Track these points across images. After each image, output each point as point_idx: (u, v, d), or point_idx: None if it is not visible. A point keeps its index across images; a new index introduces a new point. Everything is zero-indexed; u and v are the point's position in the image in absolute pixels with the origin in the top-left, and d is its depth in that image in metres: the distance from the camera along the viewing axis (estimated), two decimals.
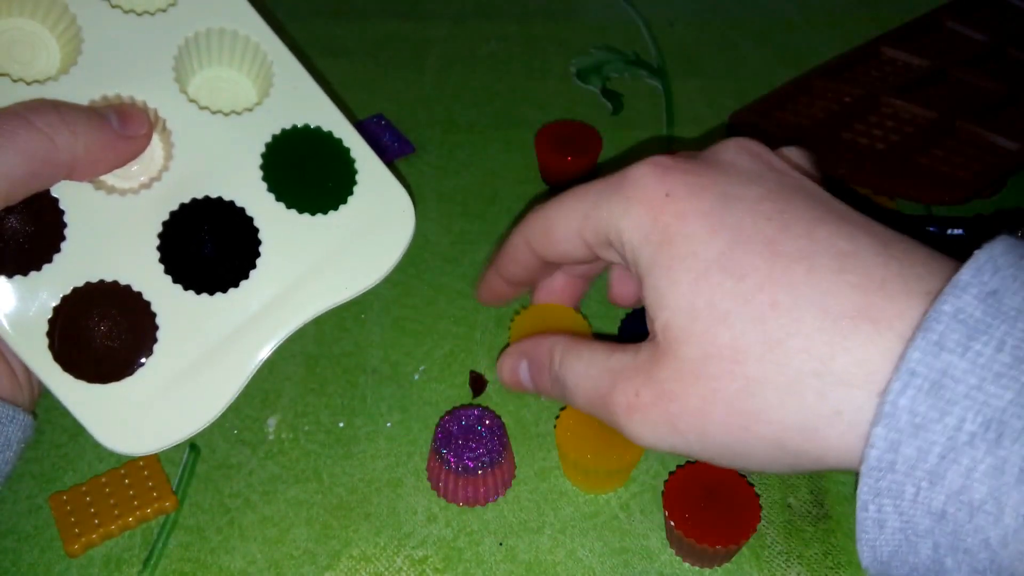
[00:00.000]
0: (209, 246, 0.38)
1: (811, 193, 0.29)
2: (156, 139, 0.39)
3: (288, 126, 0.40)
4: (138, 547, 0.39)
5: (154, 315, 0.37)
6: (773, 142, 0.59)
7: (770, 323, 0.25)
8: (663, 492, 0.39)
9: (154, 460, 0.41)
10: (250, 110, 0.40)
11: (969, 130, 0.55)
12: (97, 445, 0.42)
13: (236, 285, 0.38)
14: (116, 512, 0.39)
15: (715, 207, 0.28)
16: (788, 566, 0.39)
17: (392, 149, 0.58)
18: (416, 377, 0.46)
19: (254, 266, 0.38)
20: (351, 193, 0.40)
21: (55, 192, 0.36)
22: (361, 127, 0.59)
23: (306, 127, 0.40)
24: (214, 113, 0.39)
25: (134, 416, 0.36)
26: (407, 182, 0.57)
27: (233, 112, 0.40)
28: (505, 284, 0.40)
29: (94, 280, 0.37)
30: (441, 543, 0.39)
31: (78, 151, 0.35)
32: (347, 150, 0.41)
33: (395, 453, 0.43)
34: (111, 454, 0.42)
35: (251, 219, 0.39)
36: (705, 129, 0.61)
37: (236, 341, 0.38)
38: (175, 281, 0.38)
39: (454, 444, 0.39)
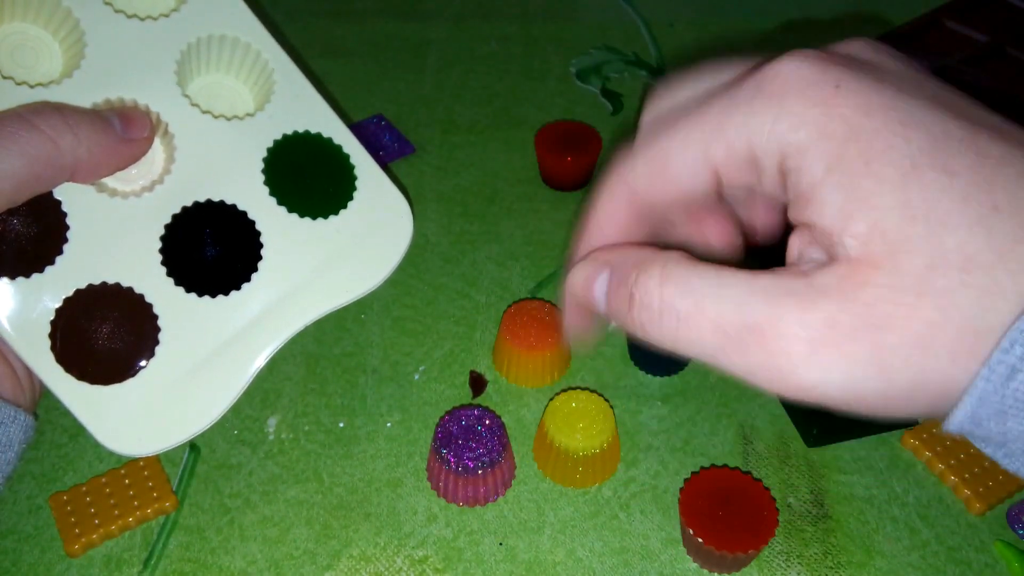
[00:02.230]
0: (211, 249, 0.38)
1: (968, 97, 0.25)
2: (157, 143, 0.39)
3: (289, 132, 0.40)
4: (138, 547, 0.39)
5: (156, 317, 0.37)
6: None
7: (996, 227, 0.22)
8: (679, 499, 0.38)
9: (154, 460, 0.41)
10: (251, 115, 0.40)
11: None
12: (97, 445, 0.42)
13: (238, 288, 0.38)
14: (116, 512, 0.39)
15: (897, 101, 0.23)
16: (788, 566, 0.39)
17: (392, 149, 0.58)
18: (416, 377, 0.46)
19: (256, 269, 0.39)
20: (351, 199, 0.40)
21: (58, 194, 0.37)
22: (361, 127, 0.59)
23: (307, 133, 0.40)
24: (216, 118, 0.40)
25: (135, 417, 0.37)
26: (406, 184, 0.57)
27: (235, 117, 0.40)
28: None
29: (96, 282, 0.37)
30: (441, 543, 0.39)
31: (81, 154, 0.35)
32: (347, 156, 0.41)
33: (395, 453, 0.43)
34: (111, 454, 0.42)
35: (253, 222, 0.39)
36: None
37: (237, 343, 0.38)
38: (177, 283, 0.38)
39: (454, 444, 0.39)
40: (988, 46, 0.64)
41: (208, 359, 0.37)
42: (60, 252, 0.36)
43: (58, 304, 0.36)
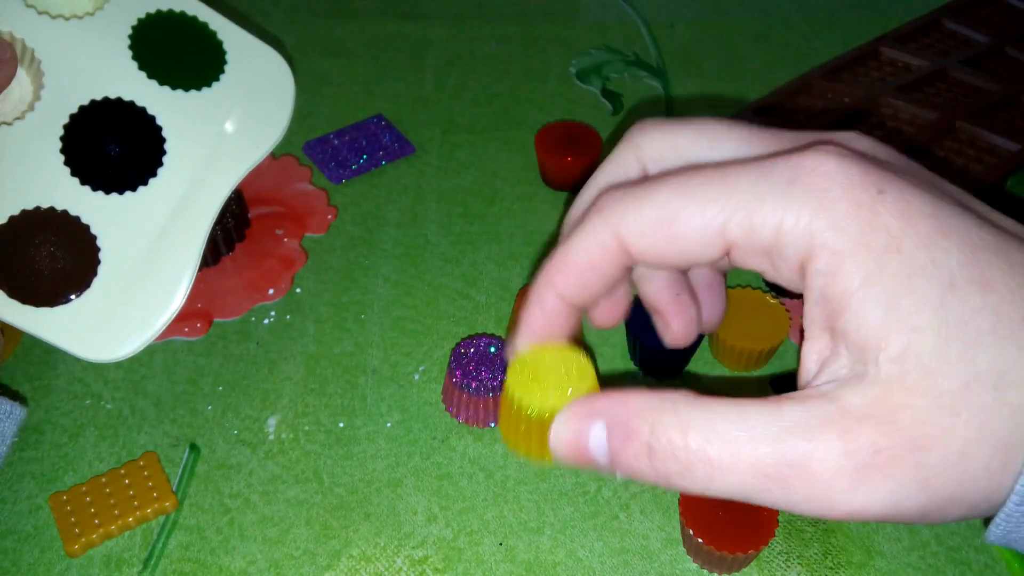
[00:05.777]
0: (113, 144, 0.39)
1: (968, 194, 0.25)
2: (22, 72, 0.39)
3: (142, 15, 0.41)
4: (138, 547, 0.39)
5: (87, 227, 0.38)
6: None
7: None
8: (679, 499, 0.38)
9: (154, 460, 0.41)
10: (100, 8, 0.40)
11: (969, 130, 0.55)
12: (97, 444, 0.42)
13: (154, 173, 0.39)
14: (116, 512, 0.39)
15: (936, 208, 0.23)
16: (788, 566, 0.39)
17: (392, 149, 0.58)
18: (416, 377, 0.46)
19: (164, 151, 0.40)
20: (225, 61, 0.42)
21: None
22: (361, 127, 0.59)
23: (159, 12, 0.41)
24: (68, 19, 0.40)
25: (106, 322, 0.37)
26: (406, 184, 0.57)
27: (87, 14, 0.40)
28: (563, 309, 0.28)
29: (16, 212, 0.37)
30: (441, 543, 0.39)
31: None
32: (204, 24, 0.42)
33: (395, 453, 0.43)
34: (111, 454, 0.42)
35: (144, 108, 0.40)
36: None
37: (177, 224, 0.39)
38: (95, 189, 0.38)
39: (464, 367, 0.42)
40: (988, 46, 0.64)
41: (154, 247, 0.38)
42: None
43: None
